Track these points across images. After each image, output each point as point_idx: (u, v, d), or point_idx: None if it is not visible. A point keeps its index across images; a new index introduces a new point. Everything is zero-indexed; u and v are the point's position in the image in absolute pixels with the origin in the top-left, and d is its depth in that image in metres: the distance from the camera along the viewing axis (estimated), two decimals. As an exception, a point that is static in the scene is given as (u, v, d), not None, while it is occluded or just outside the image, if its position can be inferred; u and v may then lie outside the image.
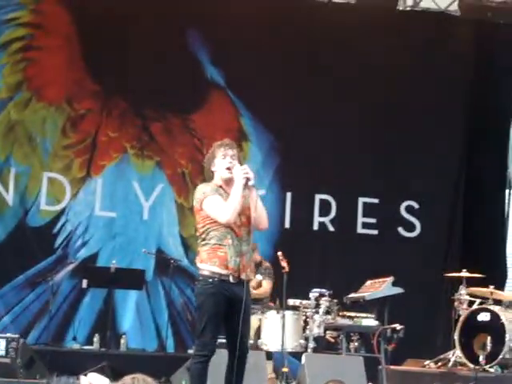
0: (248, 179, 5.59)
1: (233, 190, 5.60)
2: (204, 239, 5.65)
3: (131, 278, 9.67)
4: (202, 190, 5.72)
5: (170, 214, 10.56)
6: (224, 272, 5.56)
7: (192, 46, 10.69)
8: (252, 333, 8.19)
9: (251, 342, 7.86)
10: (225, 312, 5.59)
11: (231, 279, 5.56)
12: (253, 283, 8.39)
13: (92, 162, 10.40)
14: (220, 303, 5.55)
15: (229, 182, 5.70)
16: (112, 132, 10.50)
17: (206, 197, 5.64)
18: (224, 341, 5.73)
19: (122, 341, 9.70)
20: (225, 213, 5.55)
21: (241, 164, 5.71)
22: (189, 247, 10.52)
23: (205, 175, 5.89)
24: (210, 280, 5.56)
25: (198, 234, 5.73)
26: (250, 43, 10.60)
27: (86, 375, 5.84)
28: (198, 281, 5.66)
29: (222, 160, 5.71)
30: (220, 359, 5.64)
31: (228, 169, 5.70)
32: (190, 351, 9.42)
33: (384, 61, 10.76)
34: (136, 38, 10.39)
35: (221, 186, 5.72)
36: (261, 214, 5.69)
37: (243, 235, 5.64)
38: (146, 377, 2.95)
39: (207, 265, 5.59)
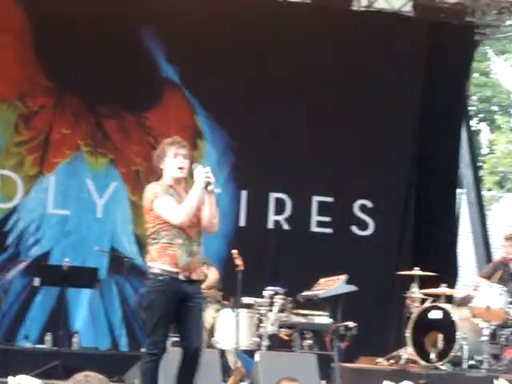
0: (208, 183, 5.56)
1: (191, 192, 5.57)
2: (155, 238, 5.62)
3: (84, 277, 9.59)
4: (152, 190, 5.66)
5: (124, 212, 10.49)
6: (174, 270, 5.53)
7: (147, 43, 10.63)
8: (206, 331, 8.19)
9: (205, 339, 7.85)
10: (176, 310, 5.56)
11: (181, 277, 5.55)
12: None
13: (45, 159, 10.28)
14: (170, 301, 5.52)
15: (179, 181, 5.68)
16: (65, 129, 10.39)
17: (157, 197, 5.60)
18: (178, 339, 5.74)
19: (75, 339, 9.63)
20: (179, 215, 5.52)
21: (191, 163, 5.68)
22: (143, 245, 10.43)
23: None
24: (161, 278, 5.53)
25: (148, 233, 5.70)
26: (205, 42, 10.57)
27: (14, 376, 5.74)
28: (148, 279, 5.63)
29: (174, 159, 5.66)
30: (174, 357, 5.62)
31: (180, 168, 5.66)
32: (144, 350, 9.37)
33: (337, 60, 10.83)
34: (91, 36, 10.29)
35: (171, 186, 5.68)
36: (215, 218, 5.68)
37: (194, 236, 5.63)
38: (98, 374, 2.92)
39: (157, 263, 5.57)
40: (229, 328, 8.31)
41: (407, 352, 8.50)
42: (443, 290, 8.76)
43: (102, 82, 10.33)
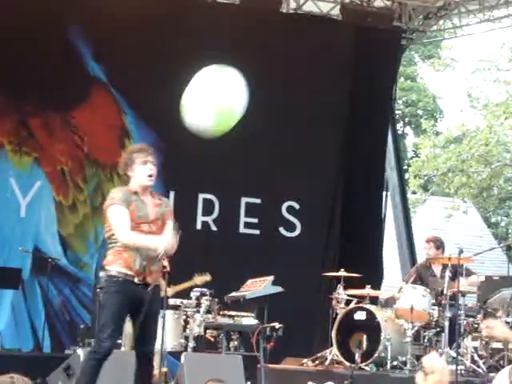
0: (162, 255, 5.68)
1: (148, 240, 5.57)
2: (111, 242, 5.67)
3: (7, 277, 9.43)
4: (111, 195, 5.72)
5: (49, 212, 10.33)
6: (129, 272, 5.56)
7: (74, 41, 10.49)
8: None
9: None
10: (130, 313, 5.61)
11: (136, 280, 5.57)
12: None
13: (-33, 157, 10.07)
14: (123, 302, 5.55)
15: (145, 188, 5.67)
16: (-12, 127, 10.19)
17: (112, 204, 5.62)
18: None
19: (-3, 341, 9.44)
20: (124, 236, 5.56)
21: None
22: (67, 246, 10.33)
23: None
24: (115, 279, 5.57)
25: (106, 236, 5.76)
26: (133, 40, 10.49)
27: None
28: (105, 281, 5.68)
29: (143, 166, 5.67)
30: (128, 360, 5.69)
31: (149, 176, 5.67)
32: (67, 351, 9.26)
33: (265, 62, 10.85)
34: (17, 32, 10.09)
35: (136, 192, 5.68)
36: (173, 247, 5.77)
37: None
38: (24, 377, 2.87)
39: (113, 266, 5.62)
40: (154, 329, 8.22)
41: (332, 353, 8.56)
42: (368, 291, 8.85)
43: (26, 80, 10.14)
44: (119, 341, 5.92)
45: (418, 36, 12.45)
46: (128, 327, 7.72)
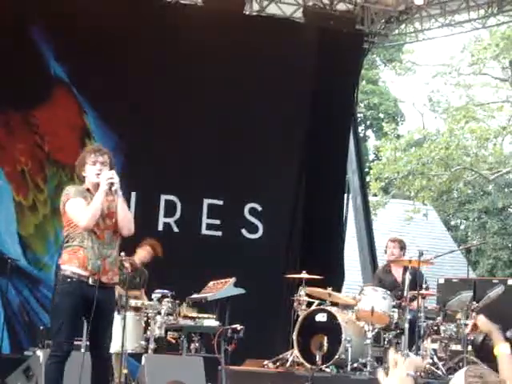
0: (112, 184, 5.65)
1: (95, 195, 5.67)
2: (67, 241, 5.71)
3: (-35, 278, 9.30)
4: (65, 191, 5.80)
5: (8, 213, 10.23)
6: (83, 273, 5.60)
7: (36, 41, 10.41)
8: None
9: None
10: (85, 314, 5.61)
11: (90, 281, 5.60)
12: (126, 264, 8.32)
13: None
14: (77, 303, 5.57)
15: (97, 187, 5.73)
16: None
17: (68, 199, 5.72)
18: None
19: (-45, 342, 9.31)
20: (83, 218, 5.61)
21: (111, 169, 5.75)
22: (27, 247, 10.23)
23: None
24: (69, 280, 5.60)
25: (63, 235, 5.79)
26: (95, 41, 10.42)
27: None
28: (58, 281, 5.70)
29: (92, 166, 5.76)
30: (79, 361, 5.64)
31: (98, 175, 5.74)
32: (27, 353, 9.16)
33: (230, 62, 10.85)
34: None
35: (89, 190, 5.78)
36: (124, 219, 5.72)
37: (107, 238, 5.70)
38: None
39: (67, 265, 5.64)
40: (115, 331, 8.17)
41: (293, 354, 8.58)
42: (329, 293, 8.87)
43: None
44: (78, 342, 5.88)
45: (380, 39, 12.53)
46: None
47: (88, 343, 5.82)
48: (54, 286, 5.81)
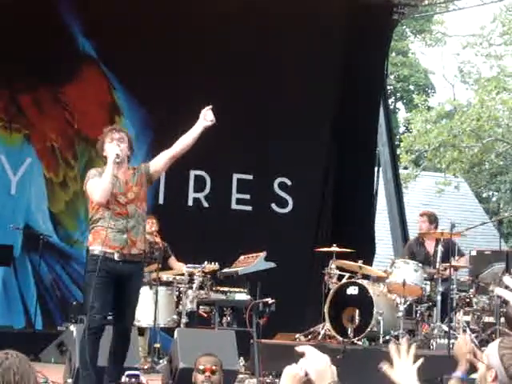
0: (117, 156, 5.74)
1: (105, 171, 5.73)
2: (92, 223, 5.81)
3: (-2, 254, 9.40)
4: (88, 173, 5.89)
5: (39, 189, 10.29)
6: (109, 250, 5.70)
7: (64, 17, 10.41)
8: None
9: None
10: (114, 289, 5.72)
11: (116, 257, 5.70)
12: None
13: (-43, 134, 10.00)
14: (106, 280, 5.68)
15: (119, 165, 5.81)
16: (-22, 104, 10.12)
17: (88, 180, 5.83)
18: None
19: (-11, 318, 9.43)
20: (95, 194, 5.70)
21: (130, 147, 5.86)
22: (58, 223, 10.30)
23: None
24: (95, 258, 5.70)
25: (89, 216, 5.89)
26: (122, 17, 10.40)
27: None
28: (88, 262, 5.84)
29: (110, 144, 5.83)
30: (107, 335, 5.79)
31: (116, 152, 5.80)
32: (60, 328, 9.26)
33: (259, 38, 10.79)
34: (7, 10, 9.97)
35: None
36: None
37: (130, 212, 5.77)
38: (19, 353, 2.87)
39: (94, 246, 5.76)
40: (148, 306, 8.23)
41: (325, 328, 8.58)
42: (361, 265, 8.85)
43: (16, 56, 10.06)
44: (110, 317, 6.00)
45: (410, 10, 12.38)
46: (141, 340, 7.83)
47: (113, 315, 5.92)
48: (85, 264, 5.90)
